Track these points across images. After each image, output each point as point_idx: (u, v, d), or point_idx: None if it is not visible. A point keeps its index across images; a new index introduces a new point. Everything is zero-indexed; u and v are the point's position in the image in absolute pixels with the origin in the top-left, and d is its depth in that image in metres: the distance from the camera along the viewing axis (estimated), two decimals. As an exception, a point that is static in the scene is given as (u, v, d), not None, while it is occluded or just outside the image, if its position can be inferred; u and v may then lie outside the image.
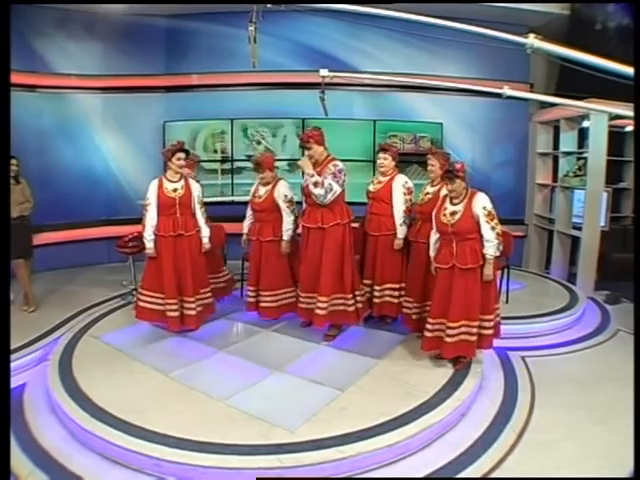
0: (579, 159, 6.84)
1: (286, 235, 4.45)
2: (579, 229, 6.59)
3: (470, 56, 7.23)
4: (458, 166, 3.59)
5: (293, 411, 3.16)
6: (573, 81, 6.58)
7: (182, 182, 4.34)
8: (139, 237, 5.27)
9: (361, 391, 3.46)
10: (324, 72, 4.42)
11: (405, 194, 4.34)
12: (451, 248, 3.67)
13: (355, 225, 4.48)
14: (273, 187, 4.50)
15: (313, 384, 3.53)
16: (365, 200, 4.62)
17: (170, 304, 4.22)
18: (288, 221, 4.45)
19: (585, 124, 6.77)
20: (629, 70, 2.67)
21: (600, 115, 6.04)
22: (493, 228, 3.57)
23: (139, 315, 4.34)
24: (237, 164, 7.32)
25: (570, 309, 5.37)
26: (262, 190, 4.56)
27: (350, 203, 4.34)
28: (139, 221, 6.17)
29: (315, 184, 3.99)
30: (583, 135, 6.90)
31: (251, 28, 3.29)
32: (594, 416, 3.36)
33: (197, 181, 4.68)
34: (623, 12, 6.33)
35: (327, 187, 3.97)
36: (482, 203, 3.59)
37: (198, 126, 7.27)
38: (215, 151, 7.28)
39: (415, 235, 4.29)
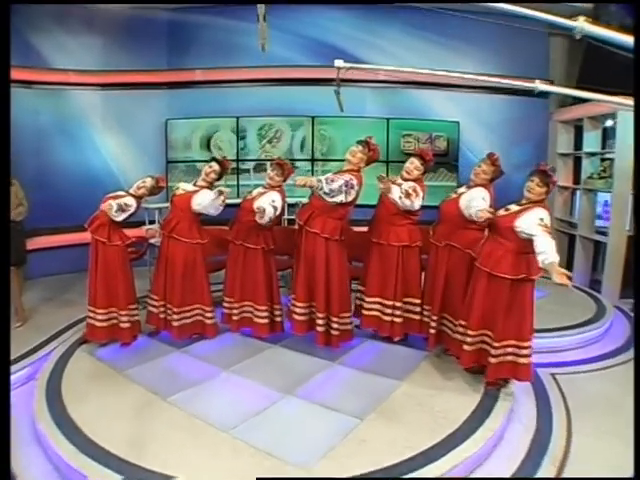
0: (604, 160, 6.50)
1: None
2: (602, 233, 6.26)
3: (487, 52, 6.91)
4: (555, 178, 3.35)
5: (308, 444, 2.81)
6: (594, 78, 6.33)
7: None
8: (138, 242, 4.94)
9: (383, 419, 3.10)
10: (339, 63, 4.06)
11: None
12: None
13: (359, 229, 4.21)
14: (266, 193, 4.15)
15: (329, 411, 3.17)
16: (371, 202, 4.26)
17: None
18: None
19: (608, 123, 6.48)
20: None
21: (627, 113, 5.71)
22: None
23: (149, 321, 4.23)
24: (242, 165, 7.02)
25: (598, 321, 5.03)
26: (256, 191, 4.26)
27: (358, 205, 4.05)
28: (140, 225, 5.93)
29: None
30: (606, 135, 6.62)
31: (260, 5, 2.91)
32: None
33: None
34: (624, 12, 6.05)
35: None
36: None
37: (202, 124, 6.96)
38: (222, 150, 6.93)
39: (432, 237, 3.97)
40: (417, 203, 3.81)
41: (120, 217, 3.94)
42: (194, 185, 4.22)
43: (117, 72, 6.74)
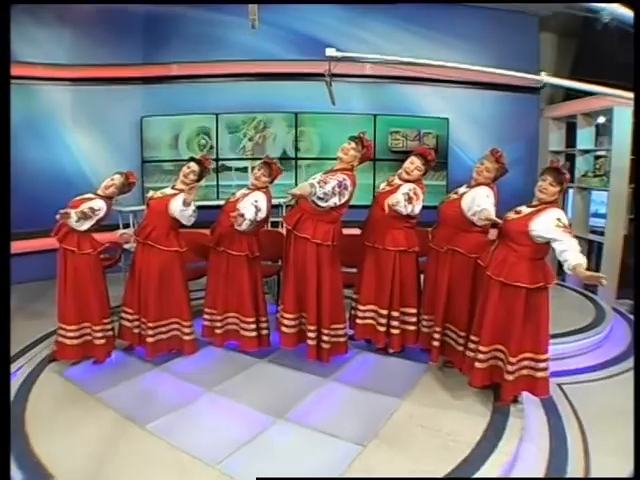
0: (598, 157, 6.34)
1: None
2: (596, 233, 6.10)
3: (477, 47, 6.68)
4: (569, 176, 3.11)
5: (306, 478, 2.50)
6: (587, 71, 6.19)
7: None
8: (112, 247, 4.56)
9: (386, 445, 2.80)
10: (331, 52, 3.74)
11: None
12: None
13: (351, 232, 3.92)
14: (250, 194, 3.84)
15: (326, 437, 2.85)
16: (361, 203, 4.00)
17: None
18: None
19: (600, 120, 6.33)
20: None
21: (623, 109, 5.54)
22: None
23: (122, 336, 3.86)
24: (222, 163, 6.67)
25: (599, 325, 4.81)
26: (240, 192, 3.93)
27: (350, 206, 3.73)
28: (114, 229, 5.55)
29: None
30: (598, 132, 6.46)
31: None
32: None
33: None
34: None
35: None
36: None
37: (179, 122, 6.58)
38: (201, 149, 6.58)
39: (431, 241, 3.71)
40: (418, 207, 3.54)
41: (85, 225, 3.56)
42: (172, 188, 3.87)
43: (89, 66, 6.31)
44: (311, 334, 3.59)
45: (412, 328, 3.79)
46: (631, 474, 2.65)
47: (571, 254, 2.79)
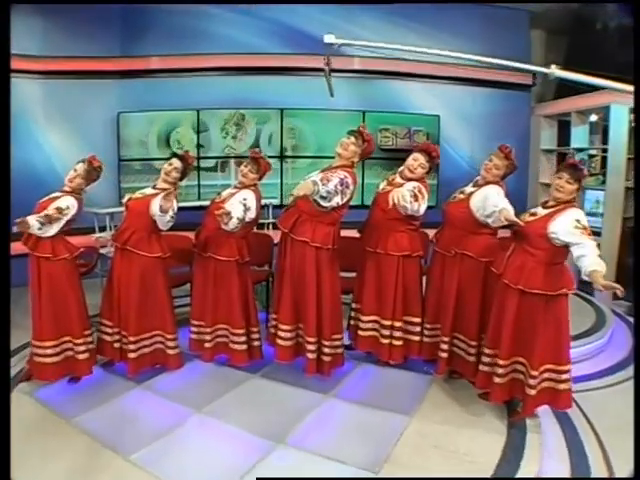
0: (593, 156, 6.21)
1: None
2: (592, 232, 5.98)
3: (468, 43, 6.48)
4: (586, 172, 2.92)
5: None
6: (580, 67, 6.10)
7: None
8: (88, 252, 4.21)
9: (401, 469, 2.55)
10: (330, 38, 3.48)
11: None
12: None
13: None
14: (238, 192, 3.55)
15: (333, 463, 2.58)
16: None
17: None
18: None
19: (592, 118, 6.21)
20: None
21: (620, 107, 5.43)
22: None
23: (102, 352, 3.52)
24: (204, 163, 6.34)
25: (601, 329, 4.63)
26: (226, 192, 3.63)
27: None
28: (90, 232, 5.21)
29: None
30: (590, 131, 6.29)
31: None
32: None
33: None
34: (623, 12, 5.92)
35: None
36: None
37: (159, 118, 6.23)
38: (182, 146, 6.19)
39: (436, 245, 3.50)
40: (423, 207, 3.27)
41: (52, 230, 3.18)
42: (154, 188, 3.54)
43: (62, 58, 5.91)
44: (311, 347, 3.31)
45: (416, 338, 3.55)
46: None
47: (589, 260, 2.59)
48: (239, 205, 3.36)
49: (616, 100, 5.38)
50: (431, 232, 3.67)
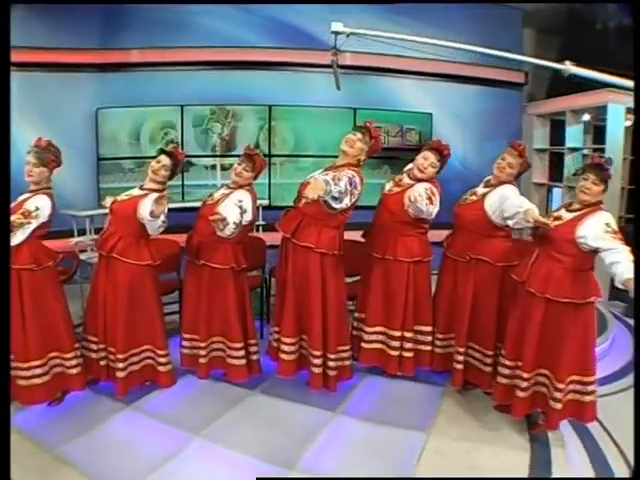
0: (587, 156, 6.12)
1: None
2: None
3: (459, 39, 6.35)
4: (612, 171, 2.77)
5: None
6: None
7: None
8: (67, 258, 3.90)
9: (426, 495, 2.34)
10: (337, 26, 3.25)
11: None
12: None
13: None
14: (232, 193, 3.28)
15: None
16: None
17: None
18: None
19: (585, 118, 6.16)
20: None
21: (618, 106, 5.38)
22: None
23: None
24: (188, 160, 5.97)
25: (603, 332, 4.47)
26: (219, 193, 3.34)
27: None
28: (68, 236, 4.87)
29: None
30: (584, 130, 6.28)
31: None
32: None
33: None
34: (619, 12, 5.93)
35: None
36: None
37: (140, 114, 5.91)
38: (166, 144, 5.84)
39: (447, 250, 3.32)
40: (436, 209, 3.07)
41: (22, 235, 2.83)
42: (141, 189, 3.25)
43: (36, 50, 5.53)
44: (316, 360, 3.08)
45: (427, 348, 3.35)
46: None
47: (624, 266, 2.45)
48: (235, 208, 3.10)
49: (613, 99, 5.33)
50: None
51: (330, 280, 3.07)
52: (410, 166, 3.52)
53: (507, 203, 2.94)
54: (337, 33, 3.26)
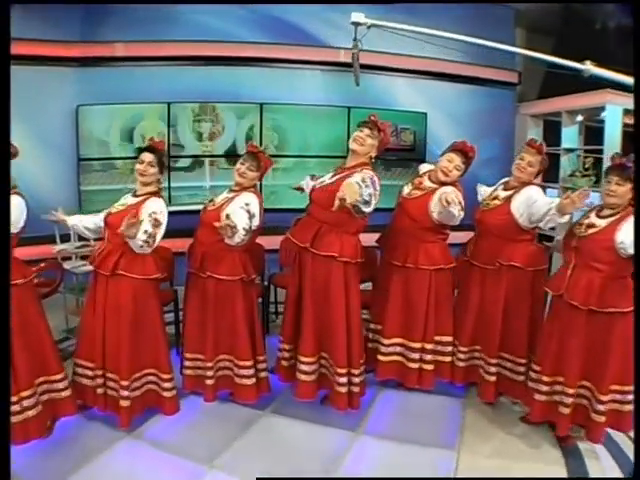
0: (586, 157, 6.04)
1: None
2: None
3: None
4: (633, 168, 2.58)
5: None
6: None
7: None
8: (48, 268, 3.60)
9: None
10: (358, 17, 3.04)
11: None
12: None
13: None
14: (237, 196, 3.02)
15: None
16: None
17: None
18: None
19: (579, 118, 6.09)
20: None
21: (616, 107, 5.33)
22: None
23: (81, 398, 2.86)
24: (175, 163, 5.75)
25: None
26: (221, 197, 3.08)
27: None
28: (47, 241, 4.54)
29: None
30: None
31: None
32: None
33: None
34: (622, 12, 5.84)
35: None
36: None
37: (123, 111, 5.58)
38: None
39: (471, 257, 3.17)
40: (462, 214, 2.88)
41: None
42: (134, 195, 2.96)
43: (13, 41, 5.12)
44: (341, 379, 2.84)
45: (447, 359, 3.18)
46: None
47: None
48: (242, 212, 2.86)
49: (612, 100, 5.27)
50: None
51: (352, 291, 2.87)
52: (426, 167, 3.35)
53: (535, 205, 2.86)
54: (357, 24, 3.03)
